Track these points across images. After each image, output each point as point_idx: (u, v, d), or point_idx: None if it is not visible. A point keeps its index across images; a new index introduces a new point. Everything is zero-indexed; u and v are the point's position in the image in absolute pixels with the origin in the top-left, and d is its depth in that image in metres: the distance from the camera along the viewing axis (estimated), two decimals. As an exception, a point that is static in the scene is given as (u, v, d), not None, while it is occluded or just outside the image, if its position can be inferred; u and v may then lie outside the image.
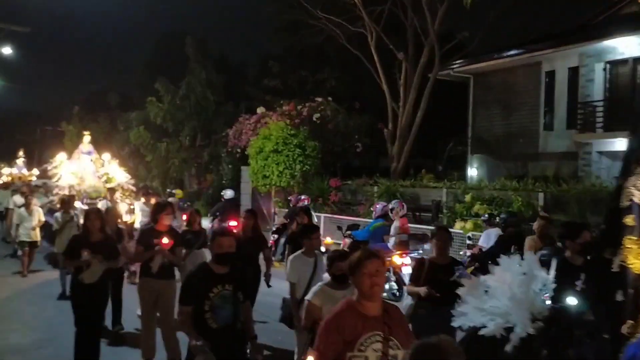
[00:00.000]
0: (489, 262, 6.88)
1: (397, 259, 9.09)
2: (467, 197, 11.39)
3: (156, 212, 6.18)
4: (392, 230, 9.62)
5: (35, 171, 34.46)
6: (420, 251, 9.30)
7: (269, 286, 7.30)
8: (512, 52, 15.78)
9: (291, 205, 13.21)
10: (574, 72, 15.04)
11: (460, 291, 4.09)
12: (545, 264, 5.90)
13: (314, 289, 4.33)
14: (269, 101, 21.15)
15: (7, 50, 22.92)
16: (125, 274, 8.29)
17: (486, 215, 9.54)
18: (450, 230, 10.58)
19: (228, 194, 14.49)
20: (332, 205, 15.19)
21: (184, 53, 24.03)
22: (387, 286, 9.17)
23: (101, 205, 11.77)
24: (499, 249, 6.89)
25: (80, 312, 5.78)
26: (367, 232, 10.25)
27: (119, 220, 11.51)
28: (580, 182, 11.58)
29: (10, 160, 36.06)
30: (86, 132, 15.34)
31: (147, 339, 6.19)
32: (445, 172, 16.18)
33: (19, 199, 14.02)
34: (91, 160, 14.36)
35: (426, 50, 16.38)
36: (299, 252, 5.37)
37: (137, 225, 11.24)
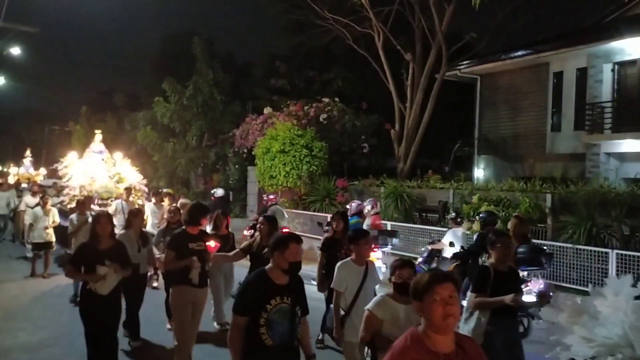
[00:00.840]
0: (469, 260, 7.86)
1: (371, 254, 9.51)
2: (474, 198, 11.36)
3: (196, 215, 5.70)
4: (365, 227, 9.77)
5: (43, 170, 34.65)
6: (390, 246, 10.03)
7: None
8: (519, 53, 15.73)
9: (264, 203, 13.58)
10: (582, 73, 14.97)
11: (560, 318, 3.46)
12: (522, 261, 6.90)
13: (375, 298, 3.97)
14: (276, 101, 21.19)
15: (16, 51, 23.07)
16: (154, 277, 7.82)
17: (453, 214, 10.03)
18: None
19: (218, 192, 15.10)
20: (339, 205, 15.18)
21: (191, 53, 24.05)
22: None
23: (114, 205, 11.91)
24: (479, 247, 7.54)
25: (92, 328, 5.33)
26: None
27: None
28: (588, 183, 11.53)
29: (18, 161, 36.29)
30: (97, 131, 14.86)
31: (185, 352, 5.66)
32: (451, 172, 16.13)
33: (30, 199, 14.08)
34: (102, 159, 13.97)
35: (433, 50, 16.36)
36: (348, 259, 5.02)
37: (148, 227, 10.94)
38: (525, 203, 10.47)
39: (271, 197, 13.56)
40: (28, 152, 33.38)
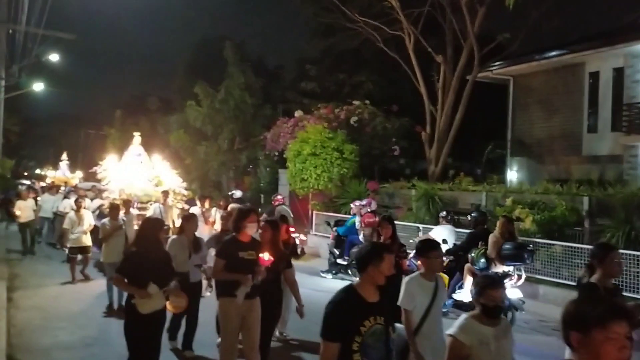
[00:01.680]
0: (461, 255, 8.68)
1: None
2: (508, 201, 11.19)
3: (239, 220, 5.25)
4: (356, 224, 11.85)
5: (79, 173, 35.46)
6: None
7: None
8: (554, 53, 15.46)
9: (272, 204, 13.92)
10: (618, 73, 14.63)
11: None
12: (512, 257, 7.79)
13: (459, 322, 3.46)
14: (307, 104, 21.26)
15: (54, 57, 23.74)
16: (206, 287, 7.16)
17: (444, 213, 10.51)
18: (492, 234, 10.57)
19: (237, 194, 15.23)
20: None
21: (223, 57, 24.38)
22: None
23: (152, 209, 11.72)
24: (469, 244, 8.61)
25: (136, 345, 4.98)
26: (346, 228, 12.46)
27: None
28: (626, 185, 11.25)
29: (55, 164, 37.27)
30: (136, 133, 14.40)
31: None
32: (483, 175, 15.94)
33: (70, 203, 13.89)
34: (141, 162, 13.59)
35: (465, 52, 16.21)
36: (417, 273, 4.55)
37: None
38: (561, 206, 10.27)
39: (279, 197, 13.97)
40: (64, 156, 34.25)
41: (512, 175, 16.89)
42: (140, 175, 13.09)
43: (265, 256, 5.14)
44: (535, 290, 9.50)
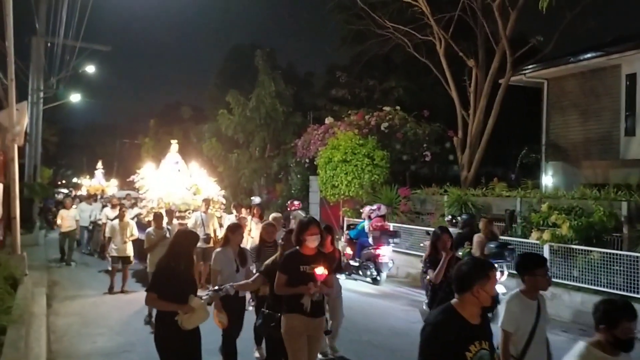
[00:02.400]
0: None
1: (374, 251, 12.17)
2: (544, 207, 10.96)
3: (299, 232, 4.95)
4: (366, 228, 12.91)
5: (114, 182, 36.18)
6: (392, 244, 12.39)
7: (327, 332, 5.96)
8: (589, 55, 15.12)
9: (287, 208, 14.38)
10: (656, 75, 14.23)
11: None
12: (495, 255, 8.43)
13: (578, 349, 3.11)
14: (337, 111, 21.31)
15: (91, 69, 24.38)
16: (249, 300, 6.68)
17: (450, 217, 11.51)
18: (526, 241, 10.40)
19: (255, 200, 15.27)
20: (402, 215, 15.08)
21: (254, 66, 24.63)
22: (368, 272, 12.10)
23: (194, 218, 11.44)
24: (457, 244, 8.94)
25: (170, 357, 4.71)
26: (357, 231, 13.24)
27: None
28: (667, 190, 10.91)
29: (91, 173, 38.22)
30: (173, 141, 14.10)
31: None
32: (517, 180, 15.65)
33: (110, 212, 14.07)
34: (178, 170, 13.36)
35: (497, 55, 16.00)
36: (517, 291, 4.12)
37: None
38: (599, 211, 9.99)
39: (295, 203, 14.30)
40: (99, 164, 35.09)
41: (547, 180, 16.55)
42: (178, 184, 12.88)
43: (319, 270, 4.77)
44: (573, 299, 9.29)
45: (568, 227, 9.91)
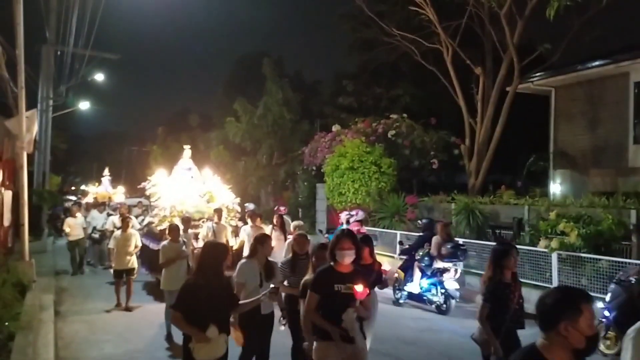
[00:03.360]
0: (413, 254, 10.55)
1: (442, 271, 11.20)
2: (552, 215, 10.91)
3: (333, 247, 4.41)
4: None
5: (121, 189, 36.23)
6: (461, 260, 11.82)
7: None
8: (596, 63, 15.08)
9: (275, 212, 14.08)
10: (665, 83, 14.16)
11: None
12: (450, 255, 9.70)
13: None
14: (344, 119, 21.37)
15: (100, 77, 24.59)
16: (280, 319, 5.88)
17: (424, 221, 11.77)
18: (534, 249, 10.35)
19: (250, 207, 15.10)
20: (409, 222, 15.06)
21: (261, 73, 24.78)
22: (433, 297, 10.68)
23: (205, 228, 10.74)
24: (418, 245, 10.69)
25: None
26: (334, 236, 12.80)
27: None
28: (677, 198, 10.82)
29: (98, 180, 38.38)
30: (186, 146, 13.28)
31: None
32: (525, 188, 15.61)
33: (118, 221, 13.01)
34: (191, 177, 12.49)
35: (504, 63, 16.03)
36: None
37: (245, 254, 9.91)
38: (607, 220, 9.94)
39: (281, 208, 14.11)
40: (106, 171, 35.17)
41: (555, 188, 16.47)
42: (192, 191, 12.12)
43: (359, 288, 4.25)
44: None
45: (576, 236, 9.86)
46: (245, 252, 9.78)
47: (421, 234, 11.03)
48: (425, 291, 10.00)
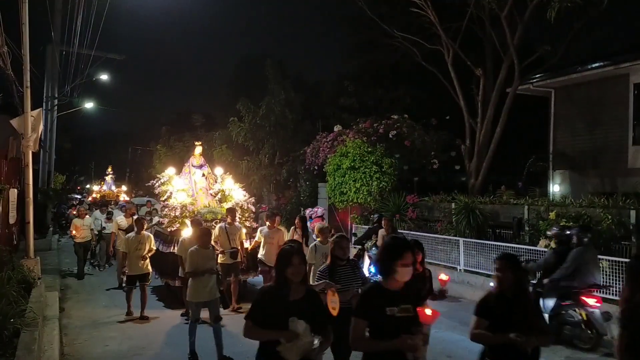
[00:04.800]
0: (364, 243, 12.08)
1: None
2: (552, 214, 11.01)
3: (387, 259, 3.60)
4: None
5: (124, 187, 36.32)
6: None
7: None
8: (596, 65, 15.16)
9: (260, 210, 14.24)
10: (664, 84, 14.23)
11: None
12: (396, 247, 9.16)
13: None
14: (345, 119, 21.46)
15: (104, 77, 24.76)
16: None
17: (375, 216, 12.92)
18: (534, 248, 10.46)
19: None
20: (409, 221, 15.17)
21: (264, 74, 24.90)
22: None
23: (217, 230, 9.88)
24: (367, 236, 12.07)
25: None
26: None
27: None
28: (675, 199, 10.90)
29: (102, 179, 38.59)
30: (197, 143, 12.56)
31: None
32: (525, 188, 15.69)
33: (123, 221, 12.43)
34: (203, 175, 11.75)
35: (505, 65, 16.12)
36: None
37: (260, 255, 9.89)
38: (607, 220, 10.03)
39: (263, 206, 14.19)
40: (109, 170, 35.27)
41: (555, 188, 16.57)
42: (204, 190, 11.46)
43: (429, 311, 3.61)
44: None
45: (575, 236, 9.93)
46: (260, 252, 9.87)
47: (371, 226, 12.55)
48: (373, 275, 10.21)
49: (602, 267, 9.33)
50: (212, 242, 8.66)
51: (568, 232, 8.61)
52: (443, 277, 6.11)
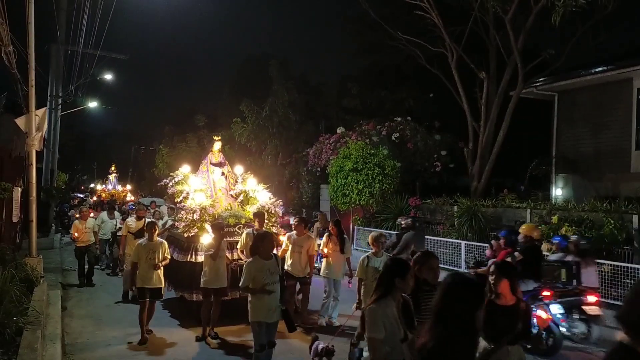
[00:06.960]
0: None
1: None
2: (554, 219, 11.02)
3: (502, 274, 3.48)
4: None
5: (128, 187, 36.23)
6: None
7: None
8: (600, 69, 15.16)
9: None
10: (668, 89, 14.22)
11: None
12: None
13: None
14: (348, 121, 21.49)
15: (108, 76, 24.81)
16: None
17: (315, 212, 13.73)
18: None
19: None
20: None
21: (268, 75, 24.93)
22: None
23: (245, 235, 8.50)
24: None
25: None
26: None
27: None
28: (678, 203, 10.89)
29: (105, 178, 38.60)
30: (216, 137, 10.73)
31: None
32: (527, 192, 15.70)
33: (134, 224, 11.21)
34: (223, 174, 10.11)
35: (508, 68, 16.12)
36: None
37: (286, 266, 8.68)
38: (609, 224, 10.04)
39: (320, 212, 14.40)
40: (113, 168, 35.21)
41: (558, 192, 16.56)
42: (224, 191, 9.96)
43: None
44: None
45: (578, 239, 9.93)
46: (287, 262, 8.70)
47: (314, 220, 13.32)
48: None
49: (604, 271, 9.35)
50: (239, 251, 8.18)
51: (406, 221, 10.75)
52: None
